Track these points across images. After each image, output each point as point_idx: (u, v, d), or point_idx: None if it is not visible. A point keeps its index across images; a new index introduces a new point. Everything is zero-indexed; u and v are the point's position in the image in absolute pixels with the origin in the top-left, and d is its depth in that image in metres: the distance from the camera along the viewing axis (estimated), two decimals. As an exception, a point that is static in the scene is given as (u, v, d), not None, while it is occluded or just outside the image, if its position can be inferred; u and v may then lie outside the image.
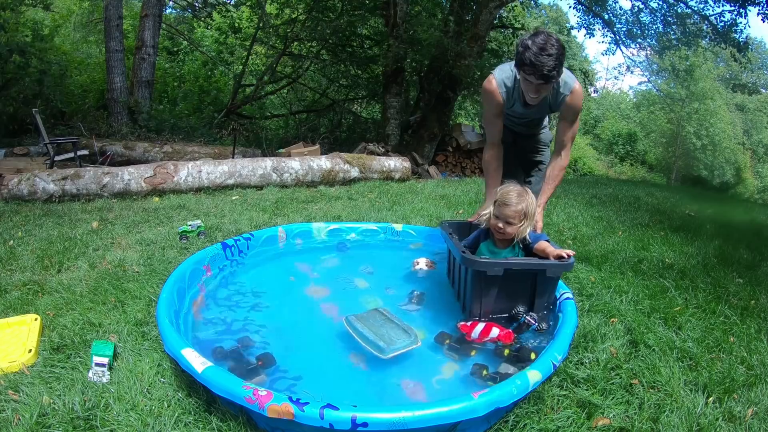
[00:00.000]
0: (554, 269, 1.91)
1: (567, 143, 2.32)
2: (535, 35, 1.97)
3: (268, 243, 2.59)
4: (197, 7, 11.80)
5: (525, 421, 1.45)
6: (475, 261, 1.89)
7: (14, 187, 4.19)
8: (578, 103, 2.23)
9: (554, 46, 1.93)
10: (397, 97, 9.44)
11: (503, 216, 2.03)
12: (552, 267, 1.90)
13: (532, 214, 2.06)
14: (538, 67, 1.94)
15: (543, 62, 1.92)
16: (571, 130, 2.31)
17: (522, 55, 1.96)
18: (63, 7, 14.39)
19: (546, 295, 1.98)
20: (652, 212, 5.29)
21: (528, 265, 1.93)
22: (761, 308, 2.45)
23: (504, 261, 1.91)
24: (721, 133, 25.77)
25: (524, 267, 1.92)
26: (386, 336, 1.71)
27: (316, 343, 1.83)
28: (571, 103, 2.22)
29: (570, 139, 2.32)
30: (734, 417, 1.56)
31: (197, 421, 1.38)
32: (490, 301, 1.95)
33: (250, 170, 5.22)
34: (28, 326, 1.85)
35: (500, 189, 2.12)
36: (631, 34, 12.26)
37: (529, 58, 1.94)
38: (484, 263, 1.87)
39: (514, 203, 2.02)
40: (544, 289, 1.96)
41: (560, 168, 2.34)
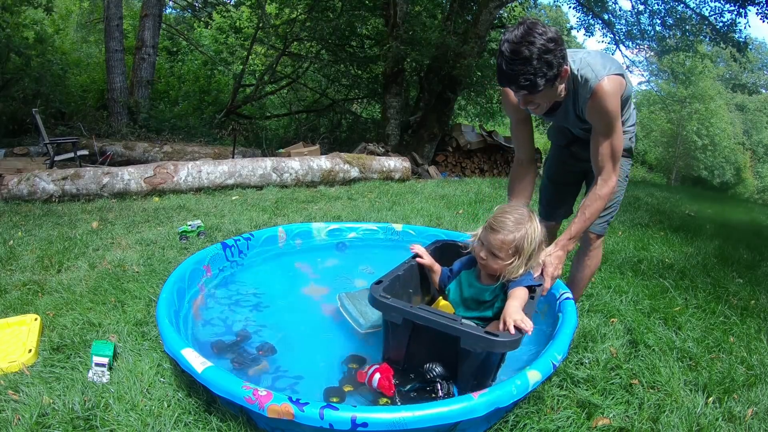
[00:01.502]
0: (471, 341, 1.38)
1: (605, 163, 1.72)
2: (515, 29, 1.51)
3: (268, 243, 2.58)
4: (197, 7, 11.80)
5: (525, 421, 1.45)
6: (374, 299, 1.51)
7: (14, 187, 4.19)
8: (603, 105, 1.64)
9: (533, 45, 1.47)
10: (397, 97, 9.44)
11: (488, 244, 1.62)
12: (470, 337, 1.37)
13: (529, 251, 1.61)
14: (512, 78, 1.53)
15: (516, 72, 1.51)
16: (606, 144, 1.70)
17: (497, 60, 1.56)
18: (63, 7, 14.40)
19: (472, 368, 1.47)
20: (652, 212, 5.29)
21: (435, 323, 1.42)
22: (761, 308, 2.45)
23: (408, 308, 1.46)
24: (721, 133, 25.79)
25: (430, 324, 1.43)
26: (368, 314, 1.68)
27: (317, 343, 1.82)
28: (593, 107, 1.67)
29: (608, 158, 1.71)
30: (734, 417, 1.56)
31: (197, 421, 1.38)
32: (399, 348, 1.56)
33: (250, 170, 5.22)
34: (28, 326, 1.85)
35: (499, 208, 1.70)
36: (631, 34, 12.27)
37: (500, 65, 1.54)
38: (383, 304, 1.49)
39: (506, 230, 1.59)
40: (467, 361, 1.46)
41: (596, 197, 1.74)
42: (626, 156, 1.93)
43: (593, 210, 1.76)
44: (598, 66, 1.65)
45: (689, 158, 26.40)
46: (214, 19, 12.58)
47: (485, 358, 1.45)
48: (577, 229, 1.76)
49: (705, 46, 13.07)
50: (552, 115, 1.83)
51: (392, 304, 1.48)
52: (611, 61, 1.70)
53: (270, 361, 1.63)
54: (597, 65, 1.65)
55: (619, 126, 1.70)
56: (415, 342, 1.54)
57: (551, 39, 1.49)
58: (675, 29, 11.73)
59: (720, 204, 7.90)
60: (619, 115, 1.68)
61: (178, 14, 14.10)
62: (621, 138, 1.71)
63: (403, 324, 1.49)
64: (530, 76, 1.50)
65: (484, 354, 1.42)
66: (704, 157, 25.84)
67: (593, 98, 1.65)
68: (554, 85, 1.59)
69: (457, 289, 1.78)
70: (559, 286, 1.93)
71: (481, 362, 1.46)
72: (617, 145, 1.71)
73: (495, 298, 1.70)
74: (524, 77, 1.51)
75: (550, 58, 1.50)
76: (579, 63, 1.67)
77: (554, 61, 1.51)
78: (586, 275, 2.14)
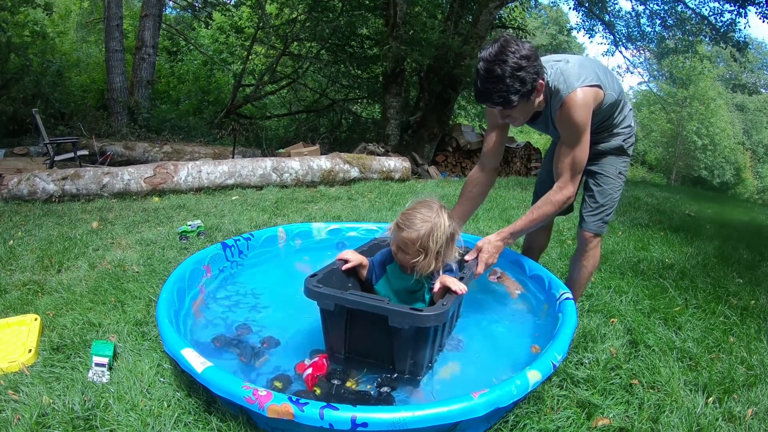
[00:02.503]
0: (399, 318, 1.38)
1: (564, 172, 1.76)
2: (489, 47, 1.58)
3: (268, 243, 2.58)
4: (197, 7, 11.81)
5: (525, 421, 1.45)
6: (307, 289, 1.52)
7: (14, 187, 4.19)
8: (570, 116, 1.67)
9: (506, 63, 1.53)
10: (397, 97, 9.44)
11: (396, 240, 1.62)
12: (397, 315, 1.38)
13: (435, 248, 1.59)
14: (486, 95, 1.59)
15: (489, 89, 1.58)
16: (568, 154, 1.73)
17: (474, 78, 1.63)
18: (63, 6, 14.40)
19: (406, 348, 1.48)
20: (652, 212, 5.29)
21: (364, 305, 1.44)
22: (761, 308, 2.45)
23: (338, 294, 1.48)
24: (721, 133, 25.80)
25: (358, 306, 1.45)
26: None
27: (317, 343, 1.82)
28: (561, 118, 1.71)
29: (569, 167, 1.74)
30: (734, 417, 1.56)
31: (197, 421, 1.38)
32: (338, 336, 1.58)
33: (250, 170, 5.23)
34: (27, 326, 1.85)
35: (410, 202, 1.69)
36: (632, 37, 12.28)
37: (476, 83, 1.60)
38: (315, 293, 1.50)
39: (412, 228, 1.58)
40: (400, 343, 1.47)
41: (547, 201, 1.80)
42: (622, 155, 1.96)
43: (541, 213, 1.80)
44: (572, 77, 1.68)
45: (689, 158, 26.41)
46: (213, 19, 12.58)
47: (416, 336, 1.46)
48: (520, 225, 1.82)
49: (705, 46, 13.08)
50: (534, 123, 1.88)
51: (324, 292, 1.49)
52: (588, 71, 1.72)
53: (272, 353, 1.66)
54: (571, 76, 1.68)
55: (585, 138, 1.72)
56: (352, 329, 1.56)
57: (524, 56, 1.55)
58: (675, 29, 11.74)
59: (720, 204, 7.90)
60: (587, 127, 1.70)
61: (178, 14, 14.10)
62: (585, 150, 1.73)
63: (337, 311, 1.50)
64: (503, 93, 1.57)
65: (414, 330, 1.44)
66: (704, 157, 25.85)
67: (562, 109, 1.70)
68: (530, 99, 1.64)
69: (386, 283, 1.79)
70: (559, 286, 1.93)
71: (414, 341, 1.47)
72: (579, 156, 1.73)
73: (422, 288, 1.71)
74: (498, 94, 1.58)
75: (522, 75, 1.55)
76: (554, 74, 1.71)
77: (527, 78, 1.57)
78: (583, 276, 2.12)
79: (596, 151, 1.93)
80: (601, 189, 1.97)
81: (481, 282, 2.27)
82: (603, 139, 1.93)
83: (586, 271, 2.10)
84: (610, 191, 1.97)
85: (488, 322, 1.99)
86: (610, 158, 1.95)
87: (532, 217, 1.81)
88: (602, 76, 1.76)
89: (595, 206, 1.99)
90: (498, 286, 2.25)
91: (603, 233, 2.05)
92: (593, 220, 1.99)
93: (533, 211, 1.82)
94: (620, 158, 1.96)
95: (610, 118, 1.87)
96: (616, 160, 1.94)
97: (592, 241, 2.04)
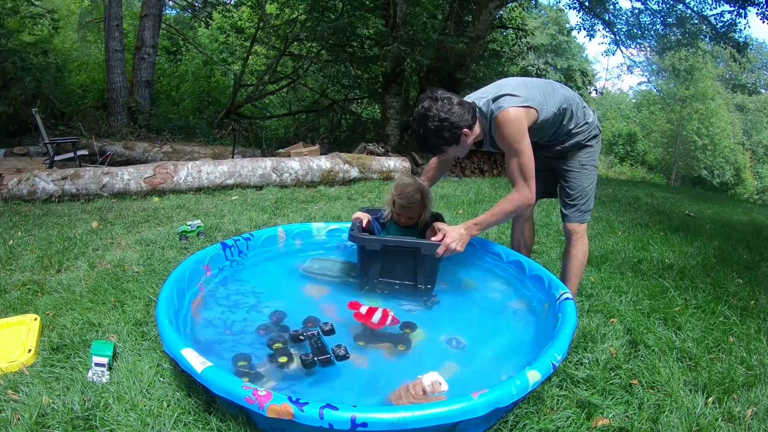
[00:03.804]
0: (430, 248, 2.00)
1: (516, 178, 1.96)
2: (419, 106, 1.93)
3: (267, 243, 2.58)
4: (197, 7, 11.80)
5: (525, 421, 1.45)
6: (355, 236, 2.05)
7: (14, 187, 4.19)
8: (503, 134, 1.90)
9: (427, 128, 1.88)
10: (396, 97, 9.44)
11: (401, 202, 2.18)
12: (427, 246, 2.00)
13: (430, 201, 2.23)
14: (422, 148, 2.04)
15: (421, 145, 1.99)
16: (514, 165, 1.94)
17: None
18: (63, 6, 14.39)
19: (429, 268, 2.11)
20: (651, 212, 5.29)
21: (404, 242, 2.07)
22: (761, 308, 2.45)
23: (383, 238, 2.11)
24: (721, 133, 25.78)
25: (401, 244, 2.06)
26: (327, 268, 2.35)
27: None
28: (497, 137, 1.96)
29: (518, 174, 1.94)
30: (734, 417, 1.56)
31: (197, 421, 1.38)
32: (376, 269, 2.13)
33: (250, 170, 5.22)
34: (27, 326, 1.85)
35: (397, 185, 2.23)
36: (631, 34, 12.28)
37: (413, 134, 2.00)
38: (365, 239, 2.05)
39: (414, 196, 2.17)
40: (424, 266, 2.09)
41: (507, 200, 1.99)
42: (583, 148, 2.13)
43: (501, 209, 1.99)
44: (506, 102, 1.90)
45: (689, 158, 26.40)
46: (213, 19, 12.58)
47: (436, 260, 2.05)
48: (482, 218, 2.02)
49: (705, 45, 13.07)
50: (481, 148, 2.14)
51: (372, 238, 2.09)
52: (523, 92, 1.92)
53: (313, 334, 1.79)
54: (504, 101, 1.90)
55: (523, 147, 1.90)
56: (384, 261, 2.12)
57: (442, 118, 1.84)
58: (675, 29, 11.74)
59: (720, 204, 7.90)
60: (522, 137, 1.90)
61: (178, 14, 14.09)
62: (528, 155, 1.91)
63: (380, 250, 2.06)
64: (432, 147, 1.94)
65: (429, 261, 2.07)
66: (704, 157, 25.83)
67: (496, 130, 1.94)
68: (459, 142, 1.93)
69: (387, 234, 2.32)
70: (558, 287, 1.93)
71: (434, 263, 2.09)
72: (524, 162, 1.92)
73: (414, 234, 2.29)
74: (428, 148, 1.96)
75: (443, 133, 1.87)
76: (488, 105, 1.94)
77: (448, 134, 1.87)
78: (575, 265, 2.24)
79: (557, 151, 2.15)
80: (569, 183, 2.18)
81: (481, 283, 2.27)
82: (562, 141, 2.12)
83: (576, 260, 2.23)
84: (578, 183, 2.16)
85: (488, 323, 1.99)
86: (571, 153, 2.15)
87: (493, 212, 2.00)
88: (539, 95, 1.94)
89: (568, 199, 2.20)
90: None
91: (586, 222, 2.22)
92: (570, 211, 2.21)
93: (494, 207, 2.02)
94: (582, 151, 2.14)
95: (560, 128, 2.06)
96: (577, 153, 2.14)
97: (577, 231, 2.21)
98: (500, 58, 11.20)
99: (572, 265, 2.25)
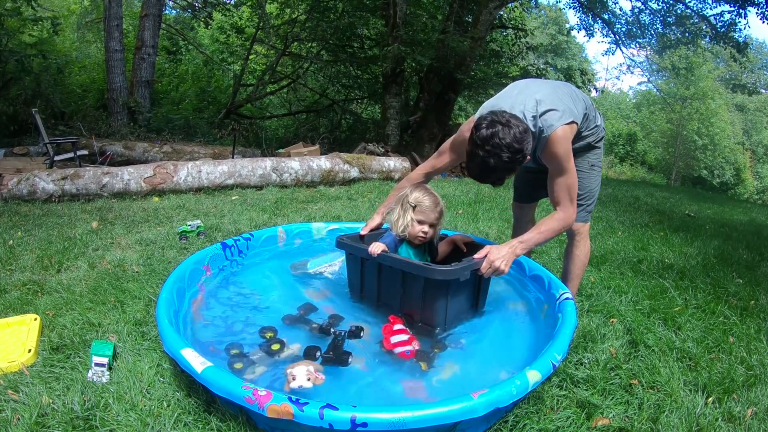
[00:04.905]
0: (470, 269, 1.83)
1: (561, 199, 1.90)
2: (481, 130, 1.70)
3: (267, 243, 2.58)
4: (197, 7, 11.80)
5: (524, 421, 1.45)
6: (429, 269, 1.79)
7: (14, 187, 4.19)
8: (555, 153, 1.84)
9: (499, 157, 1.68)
10: (396, 97, 9.43)
11: (429, 219, 1.98)
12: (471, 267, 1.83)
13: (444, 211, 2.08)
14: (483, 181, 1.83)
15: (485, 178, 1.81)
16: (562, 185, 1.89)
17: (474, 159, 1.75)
18: (63, 6, 14.38)
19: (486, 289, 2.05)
20: (651, 212, 5.29)
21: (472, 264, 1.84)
22: (761, 308, 2.45)
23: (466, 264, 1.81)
24: (721, 133, 25.78)
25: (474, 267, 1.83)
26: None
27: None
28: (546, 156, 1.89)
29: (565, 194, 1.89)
30: (734, 417, 1.56)
31: (197, 421, 1.38)
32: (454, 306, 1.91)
33: (250, 170, 5.22)
34: (27, 326, 1.85)
35: (409, 194, 2.01)
36: (631, 34, 12.27)
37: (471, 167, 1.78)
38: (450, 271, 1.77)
39: (436, 203, 2.00)
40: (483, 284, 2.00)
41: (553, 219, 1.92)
42: (591, 149, 2.12)
43: (548, 228, 1.89)
44: (553, 118, 1.81)
45: (689, 158, 26.39)
46: (213, 19, 12.57)
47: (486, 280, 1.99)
48: (528, 237, 1.88)
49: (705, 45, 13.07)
50: None
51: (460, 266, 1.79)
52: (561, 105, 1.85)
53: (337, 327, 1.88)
54: (551, 117, 1.81)
55: (570, 166, 1.87)
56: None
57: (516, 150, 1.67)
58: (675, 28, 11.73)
59: (719, 204, 7.90)
60: (570, 157, 1.86)
61: (178, 14, 14.08)
62: (574, 176, 1.89)
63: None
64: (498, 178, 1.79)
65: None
66: (704, 157, 25.82)
67: (546, 148, 1.85)
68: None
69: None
70: (558, 287, 1.93)
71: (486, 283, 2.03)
72: (571, 182, 1.88)
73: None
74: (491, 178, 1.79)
75: (515, 165, 1.72)
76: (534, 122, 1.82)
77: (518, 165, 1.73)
78: (577, 266, 2.22)
79: None
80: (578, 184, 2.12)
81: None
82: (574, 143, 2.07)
83: (579, 260, 2.21)
84: (586, 183, 2.13)
85: (488, 323, 1.99)
86: (580, 154, 2.11)
87: (540, 230, 1.89)
88: (571, 104, 1.89)
89: None
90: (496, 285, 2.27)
91: (589, 222, 2.22)
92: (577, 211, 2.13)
93: (540, 225, 1.90)
94: (591, 152, 2.13)
95: (579, 133, 2.03)
96: (586, 154, 2.12)
97: (581, 232, 2.19)
98: (500, 58, 11.19)
99: (574, 265, 2.22)
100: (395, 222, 2.04)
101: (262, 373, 1.58)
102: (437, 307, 1.85)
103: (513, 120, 1.70)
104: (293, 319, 1.94)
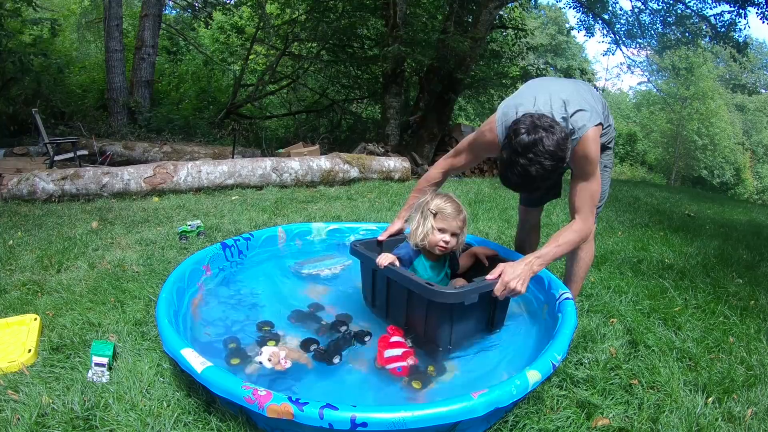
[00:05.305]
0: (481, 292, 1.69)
1: (582, 207, 1.80)
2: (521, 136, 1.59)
3: (267, 243, 2.58)
4: (197, 7, 11.79)
5: (524, 421, 1.45)
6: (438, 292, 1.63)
7: (14, 187, 4.19)
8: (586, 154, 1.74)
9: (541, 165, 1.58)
10: (396, 97, 9.43)
11: (451, 228, 1.84)
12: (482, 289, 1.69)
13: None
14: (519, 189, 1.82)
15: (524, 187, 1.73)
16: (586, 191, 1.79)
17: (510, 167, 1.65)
18: (63, 6, 14.38)
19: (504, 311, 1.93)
20: (651, 212, 5.29)
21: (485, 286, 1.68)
22: (761, 308, 2.45)
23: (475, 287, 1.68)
24: (721, 133, 25.78)
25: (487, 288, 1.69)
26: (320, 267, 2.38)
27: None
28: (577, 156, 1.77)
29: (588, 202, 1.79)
30: (734, 417, 1.56)
31: (197, 421, 1.38)
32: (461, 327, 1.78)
33: (250, 170, 5.22)
34: (27, 326, 1.85)
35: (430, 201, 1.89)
36: (631, 34, 12.27)
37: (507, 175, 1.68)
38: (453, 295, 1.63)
39: (461, 211, 1.88)
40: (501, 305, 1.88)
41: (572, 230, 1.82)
42: (604, 150, 2.03)
43: (566, 240, 1.80)
44: (583, 118, 1.73)
45: (689, 158, 26.40)
46: (213, 19, 12.56)
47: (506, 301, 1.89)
48: (546, 251, 1.77)
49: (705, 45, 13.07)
50: None
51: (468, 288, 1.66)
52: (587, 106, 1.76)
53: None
54: (581, 118, 1.73)
55: (597, 172, 1.80)
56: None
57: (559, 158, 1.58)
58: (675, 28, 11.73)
59: (719, 204, 7.90)
60: (598, 160, 1.79)
61: (178, 14, 14.07)
62: (599, 183, 1.82)
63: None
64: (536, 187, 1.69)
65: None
66: (704, 157, 25.84)
67: (578, 147, 1.74)
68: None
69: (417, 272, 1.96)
70: (558, 286, 1.93)
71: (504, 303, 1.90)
72: (595, 189, 1.80)
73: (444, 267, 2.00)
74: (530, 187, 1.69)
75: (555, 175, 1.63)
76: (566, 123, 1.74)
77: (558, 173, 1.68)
78: (581, 268, 2.16)
79: None
80: None
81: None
82: None
83: (583, 262, 2.15)
84: (602, 185, 2.04)
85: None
86: None
87: (558, 243, 1.79)
88: (594, 104, 1.81)
89: None
90: None
91: (595, 224, 2.14)
92: None
93: (557, 238, 1.80)
94: (603, 153, 2.04)
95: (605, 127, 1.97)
96: (605, 153, 2.05)
97: None
98: (500, 58, 11.19)
99: (578, 267, 2.15)
100: (414, 230, 1.90)
101: (258, 369, 1.59)
102: (441, 329, 1.73)
103: (555, 124, 1.60)
104: (301, 316, 1.96)
